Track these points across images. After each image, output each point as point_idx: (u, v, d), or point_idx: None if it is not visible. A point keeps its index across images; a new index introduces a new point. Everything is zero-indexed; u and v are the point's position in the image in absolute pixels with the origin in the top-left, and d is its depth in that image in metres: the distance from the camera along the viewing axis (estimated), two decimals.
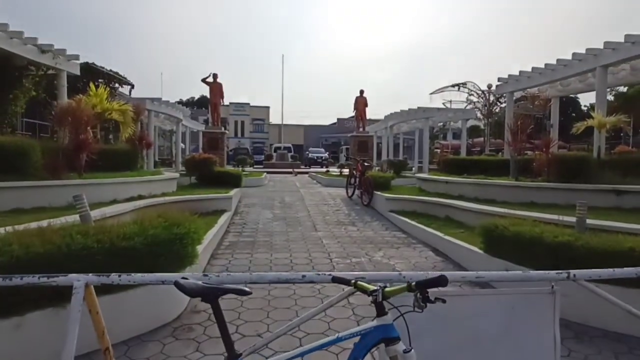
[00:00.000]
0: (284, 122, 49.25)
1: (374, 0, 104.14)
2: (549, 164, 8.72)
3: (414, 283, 1.59)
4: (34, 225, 3.92)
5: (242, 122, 62.09)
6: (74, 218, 4.49)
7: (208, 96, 19.43)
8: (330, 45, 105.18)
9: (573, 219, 4.91)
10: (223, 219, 7.90)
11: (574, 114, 40.42)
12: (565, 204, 7.02)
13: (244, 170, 20.58)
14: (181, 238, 4.02)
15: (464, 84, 25.16)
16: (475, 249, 5.49)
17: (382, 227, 8.55)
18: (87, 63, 15.68)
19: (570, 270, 2.31)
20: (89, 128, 8.09)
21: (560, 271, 2.30)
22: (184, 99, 76.77)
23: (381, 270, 5.48)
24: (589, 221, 4.91)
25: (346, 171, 16.96)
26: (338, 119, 63.27)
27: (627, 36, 9.76)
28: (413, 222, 7.99)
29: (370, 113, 22.69)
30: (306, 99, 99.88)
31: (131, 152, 10.35)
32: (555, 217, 5.74)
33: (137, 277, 2.06)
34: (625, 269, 2.52)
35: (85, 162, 7.64)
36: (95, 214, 5.10)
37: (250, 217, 9.28)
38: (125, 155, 9.97)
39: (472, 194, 9.20)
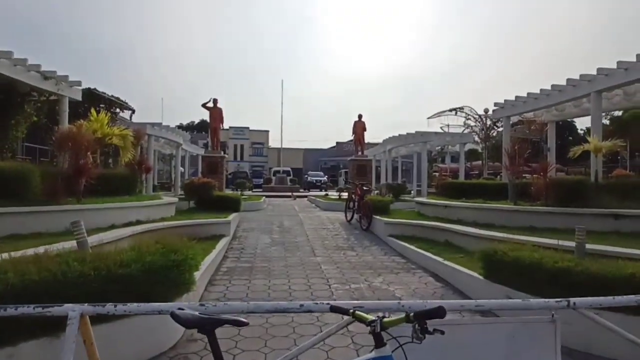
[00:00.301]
0: (283, 146, 49.59)
1: (373, 28, 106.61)
2: (547, 188, 8.75)
3: (412, 314, 1.58)
4: (30, 251, 3.90)
5: (242, 146, 62.47)
6: (72, 244, 4.46)
7: (208, 120, 19.63)
8: (329, 70, 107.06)
9: (572, 244, 4.90)
10: (221, 244, 7.86)
11: (570, 137, 40.81)
12: (564, 228, 7.00)
13: (242, 194, 20.58)
14: (178, 265, 3.99)
15: (461, 108, 25.49)
16: (475, 274, 5.45)
17: (381, 251, 8.50)
18: (89, 89, 15.89)
19: (570, 299, 2.29)
20: (89, 153, 8.13)
21: (560, 299, 2.28)
22: (184, 123, 77.44)
23: (380, 297, 5.42)
24: (588, 246, 4.89)
25: (345, 195, 16.98)
26: (337, 142, 63.70)
27: (619, 62, 9.96)
28: (412, 247, 7.95)
29: (369, 137, 22.89)
30: (305, 122, 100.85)
31: (130, 177, 10.37)
32: (554, 241, 5.73)
33: (133, 307, 2.04)
34: (625, 297, 2.50)
35: (84, 186, 7.64)
36: (92, 240, 5.07)
37: (248, 242, 9.23)
38: (124, 179, 9.98)
39: (471, 218, 9.19)
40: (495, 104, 15.12)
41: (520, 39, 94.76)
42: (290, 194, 26.71)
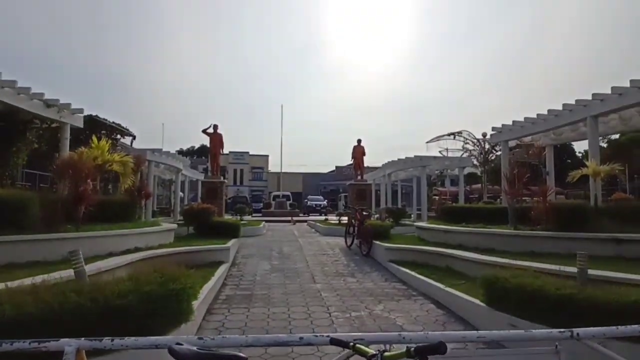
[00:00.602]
0: (283, 170, 49.74)
1: (372, 52, 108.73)
2: (547, 213, 8.74)
3: (413, 349, 1.56)
4: (28, 281, 3.87)
5: (241, 171, 62.67)
6: (69, 273, 4.43)
7: (208, 146, 19.77)
8: (328, 94, 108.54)
9: (574, 269, 4.87)
10: (220, 271, 7.78)
11: (569, 160, 41.01)
12: (565, 253, 6.97)
13: (242, 219, 20.51)
14: (177, 294, 3.96)
15: (460, 132, 25.71)
16: (477, 301, 5.38)
17: (382, 278, 8.41)
18: (90, 115, 16.07)
19: (574, 329, 2.26)
20: (88, 180, 8.16)
21: (563, 330, 2.25)
22: (185, 147, 77.98)
23: (382, 325, 5.34)
24: (590, 271, 4.86)
25: (345, 219, 16.91)
26: (336, 166, 63.94)
27: (613, 88, 10.13)
28: (413, 273, 7.88)
29: (369, 161, 23.01)
30: (305, 147, 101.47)
31: (129, 203, 10.36)
32: (556, 267, 5.69)
33: (130, 341, 2.01)
34: (629, 327, 2.46)
35: (83, 213, 7.64)
36: (90, 268, 5.03)
37: (247, 269, 9.14)
38: (123, 206, 9.97)
39: (472, 243, 9.14)
40: (493, 129, 15.27)
41: (519, 68, 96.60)
42: (289, 218, 26.63)
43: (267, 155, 63.42)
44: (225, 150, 20.72)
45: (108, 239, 7.48)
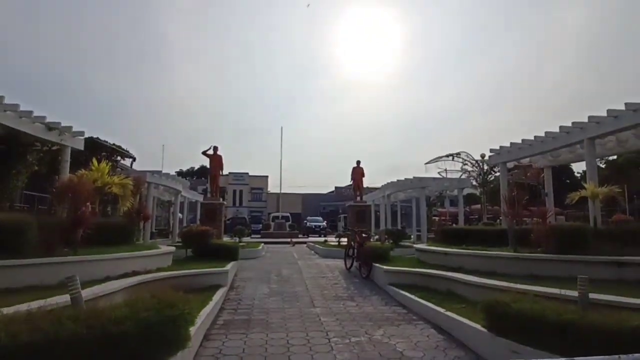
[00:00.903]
0: (282, 191, 49.76)
1: (371, 75, 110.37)
2: (547, 235, 8.73)
3: None
4: (24, 307, 3.83)
5: (241, 191, 62.70)
6: (66, 299, 4.39)
7: (208, 167, 19.86)
8: (328, 116, 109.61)
9: (575, 293, 4.84)
10: (218, 296, 7.71)
11: (568, 181, 41.14)
12: (566, 276, 6.93)
13: (241, 241, 20.41)
14: (174, 320, 3.91)
15: (458, 154, 25.88)
16: (479, 327, 5.32)
17: (382, 301, 8.33)
18: (91, 137, 16.20)
19: (575, 358, 2.25)
20: (88, 203, 8.17)
21: (564, 358, 2.24)
22: (185, 169, 78.26)
23: (381, 352, 5.26)
24: (592, 295, 4.82)
25: (344, 240, 16.84)
26: (336, 187, 64.07)
27: (609, 111, 10.27)
28: (413, 297, 7.80)
29: (368, 182, 23.08)
30: (304, 168, 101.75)
31: (128, 226, 10.35)
32: (557, 291, 5.65)
33: None
34: (631, 355, 2.44)
35: (81, 236, 7.61)
36: (87, 293, 4.99)
37: (246, 293, 9.05)
38: (122, 228, 9.96)
39: (472, 265, 9.09)
40: (491, 150, 15.39)
41: (519, 91, 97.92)
42: (289, 240, 26.51)
43: (267, 176, 63.61)
44: (225, 171, 20.80)
45: (105, 262, 7.44)
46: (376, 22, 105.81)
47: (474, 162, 25.78)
